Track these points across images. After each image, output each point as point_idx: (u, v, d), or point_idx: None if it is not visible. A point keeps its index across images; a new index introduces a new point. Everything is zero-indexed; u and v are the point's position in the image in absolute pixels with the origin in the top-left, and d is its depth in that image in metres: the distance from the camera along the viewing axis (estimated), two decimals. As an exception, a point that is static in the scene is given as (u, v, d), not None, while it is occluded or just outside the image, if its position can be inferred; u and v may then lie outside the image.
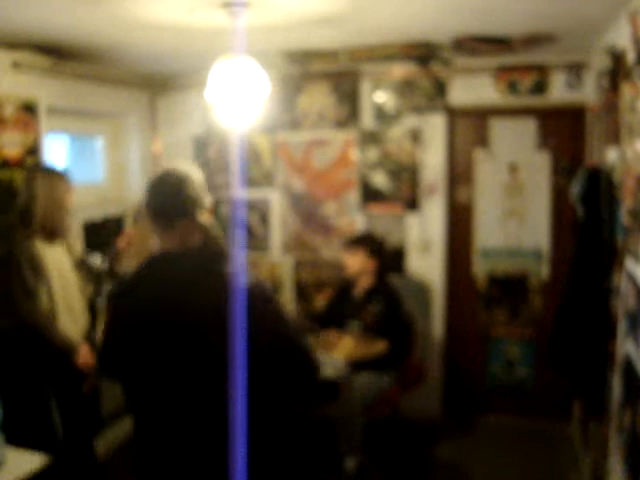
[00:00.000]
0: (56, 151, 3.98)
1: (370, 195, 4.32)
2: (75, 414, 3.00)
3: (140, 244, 4.33)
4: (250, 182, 4.49)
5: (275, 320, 1.71)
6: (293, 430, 1.84)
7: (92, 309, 3.14)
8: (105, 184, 4.34)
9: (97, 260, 3.26)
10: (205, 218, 1.80)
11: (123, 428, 4.07)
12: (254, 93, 2.70)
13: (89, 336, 3.04)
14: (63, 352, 2.84)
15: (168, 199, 1.77)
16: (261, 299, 1.68)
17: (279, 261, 4.52)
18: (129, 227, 4.11)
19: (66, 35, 3.04)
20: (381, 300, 3.66)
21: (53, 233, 2.91)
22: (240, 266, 1.67)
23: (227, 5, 2.47)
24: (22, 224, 2.83)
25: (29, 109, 3.36)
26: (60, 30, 2.94)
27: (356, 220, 4.36)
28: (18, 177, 3.12)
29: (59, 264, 2.92)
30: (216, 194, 4.48)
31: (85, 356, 2.89)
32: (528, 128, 4.12)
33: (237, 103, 2.70)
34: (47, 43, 3.19)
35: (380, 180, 4.29)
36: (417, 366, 3.95)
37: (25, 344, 2.83)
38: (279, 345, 1.70)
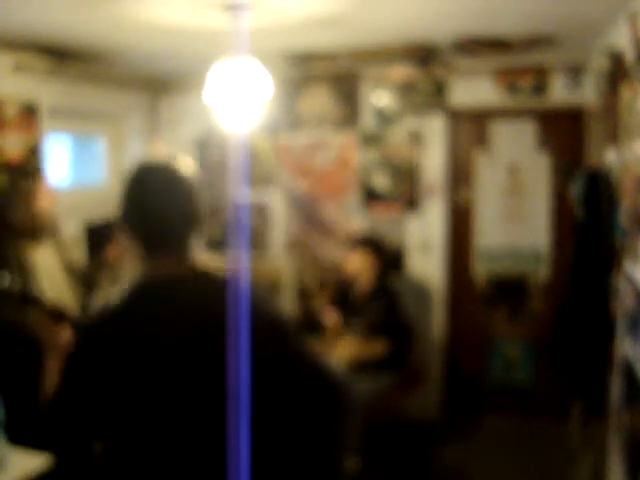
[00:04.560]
0: (57, 152, 3.99)
1: (370, 196, 4.33)
2: None
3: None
4: (251, 183, 4.50)
5: (286, 347, 1.42)
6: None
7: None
8: (106, 186, 4.35)
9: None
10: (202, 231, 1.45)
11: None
12: (255, 94, 2.71)
13: None
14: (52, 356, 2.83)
15: (163, 210, 1.34)
16: (271, 330, 1.39)
17: (280, 262, 4.53)
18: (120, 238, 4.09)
19: (67, 37, 3.05)
20: (382, 301, 3.67)
21: (36, 235, 2.91)
22: (244, 280, 1.35)
23: (228, 7, 2.48)
24: (4, 227, 2.85)
25: (30, 110, 3.38)
26: (62, 32, 2.95)
27: (356, 221, 4.37)
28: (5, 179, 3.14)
29: (48, 265, 2.93)
30: (218, 197, 4.50)
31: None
32: (528, 129, 4.13)
33: (238, 105, 2.71)
34: (49, 45, 3.20)
35: (380, 181, 4.30)
36: (416, 367, 3.96)
37: (13, 347, 2.82)
38: (292, 371, 1.42)
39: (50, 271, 2.93)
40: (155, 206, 1.34)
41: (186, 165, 1.41)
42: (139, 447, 1.37)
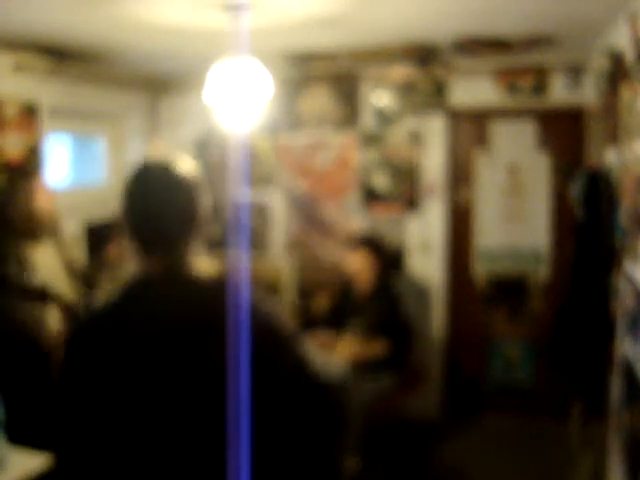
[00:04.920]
0: (57, 152, 3.99)
1: (370, 196, 4.33)
2: None
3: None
4: (251, 183, 4.51)
5: (286, 361, 1.36)
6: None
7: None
8: (106, 186, 4.35)
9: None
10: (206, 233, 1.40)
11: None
12: (256, 94, 2.71)
13: None
14: (51, 354, 2.84)
15: (161, 210, 1.32)
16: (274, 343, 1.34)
17: (280, 262, 4.53)
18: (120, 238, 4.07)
19: (67, 37, 3.05)
20: (382, 301, 3.67)
21: (35, 235, 2.92)
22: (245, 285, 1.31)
23: (228, 7, 2.48)
24: (3, 226, 2.86)
25: (30, 110, 3.38)
26: (62, 32, 2.95)
27: (356, 221, 4.37)
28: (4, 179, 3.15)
29: (48, 265, 2.94)
30: (218, 197, 4.51)
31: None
32: (528, 129, 4.13)
33: (238, 105, 2.71)
34: (49, 45, 3.20)
35: (380, 181, 4.30)
36: (416, 367, 3.96)
37: (15, 346, 2.83)
38: (291, 385, 1.36)
39: (50, 271, 2.93)
40: (152, 205, 1.33)
41: (187, 165, 1.39)
42: (129, 449, 1.35)
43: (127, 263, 3.89)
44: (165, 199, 1.33)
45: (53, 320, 2.94)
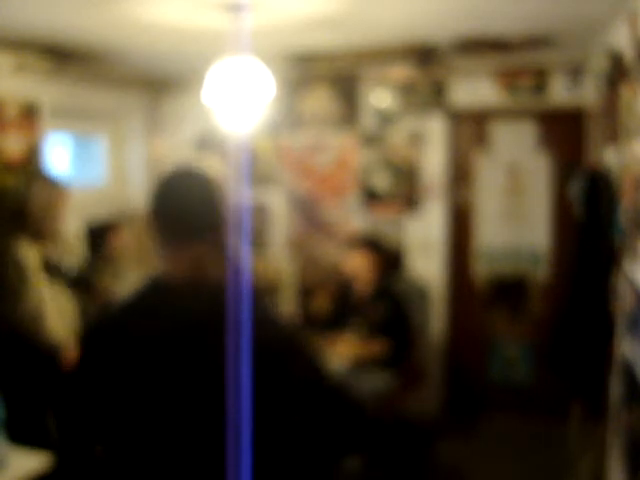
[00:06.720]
0: (58, 152, 3.99)
1: (370, 196, 4.33)
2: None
3: (137, 250, 4.32)
4: (251, 183, 4.51)
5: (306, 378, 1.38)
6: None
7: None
8: (107, 186, 4.35)
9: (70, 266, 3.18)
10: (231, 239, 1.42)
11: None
12: (256, 94, 2.71)
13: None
14: (51, 353, 2.84)
15: (186, 207, 1.39)
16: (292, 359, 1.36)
17: (280, 262, 4.53)
18: (122, 230, 4.07)
19: (68, 37, 3.06)
20: (383, 301, 3.67)
21: (42, 236, 2.92)
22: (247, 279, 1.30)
23: (229, 7, 2.48)
24: (11, 226, 2.85)
25: (31, 110, 3.38)
26: (62, 32, 2.95)
27: (356, 221, 4.37)
28: (19, 179, 3.15)
29: (46, 265, 2.93)
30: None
31: (75, 355, 2.89)
32: (528, 129, 4.13)
33: (239, 105, 2.71)
34: (49, 45, 3.20)
35: (380, 181, 4.30)
36: (416, 367, 3.96)
37: (11, 347, 2.82)
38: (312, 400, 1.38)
39: (49, 271, 2.93)
40: (183, 197, 1.40)
41: (213, 169, 1.47)
42: (136, 447, 1.39)
43: (129, 255, 3.89)
44: (195, 193, 1.41)
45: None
